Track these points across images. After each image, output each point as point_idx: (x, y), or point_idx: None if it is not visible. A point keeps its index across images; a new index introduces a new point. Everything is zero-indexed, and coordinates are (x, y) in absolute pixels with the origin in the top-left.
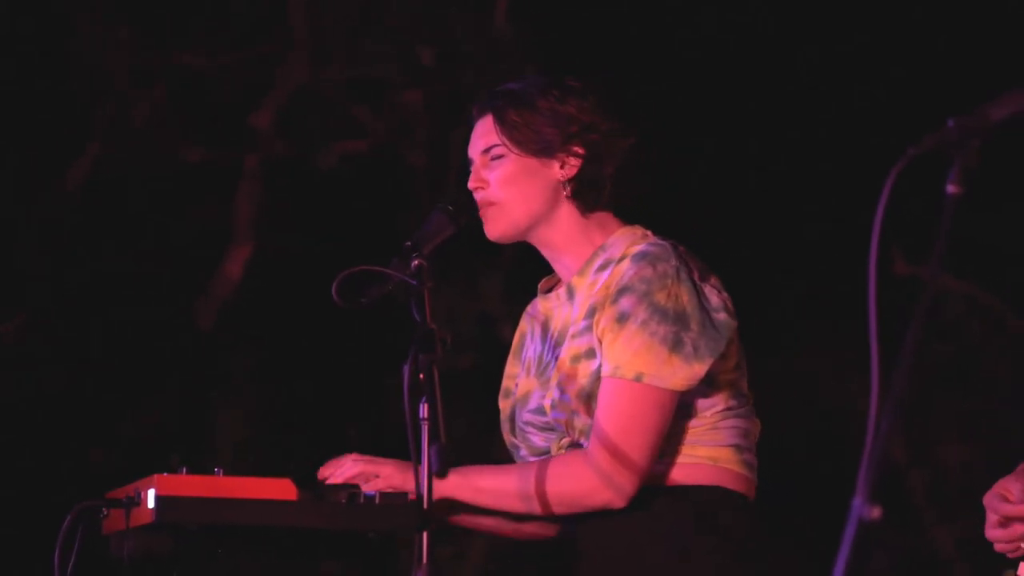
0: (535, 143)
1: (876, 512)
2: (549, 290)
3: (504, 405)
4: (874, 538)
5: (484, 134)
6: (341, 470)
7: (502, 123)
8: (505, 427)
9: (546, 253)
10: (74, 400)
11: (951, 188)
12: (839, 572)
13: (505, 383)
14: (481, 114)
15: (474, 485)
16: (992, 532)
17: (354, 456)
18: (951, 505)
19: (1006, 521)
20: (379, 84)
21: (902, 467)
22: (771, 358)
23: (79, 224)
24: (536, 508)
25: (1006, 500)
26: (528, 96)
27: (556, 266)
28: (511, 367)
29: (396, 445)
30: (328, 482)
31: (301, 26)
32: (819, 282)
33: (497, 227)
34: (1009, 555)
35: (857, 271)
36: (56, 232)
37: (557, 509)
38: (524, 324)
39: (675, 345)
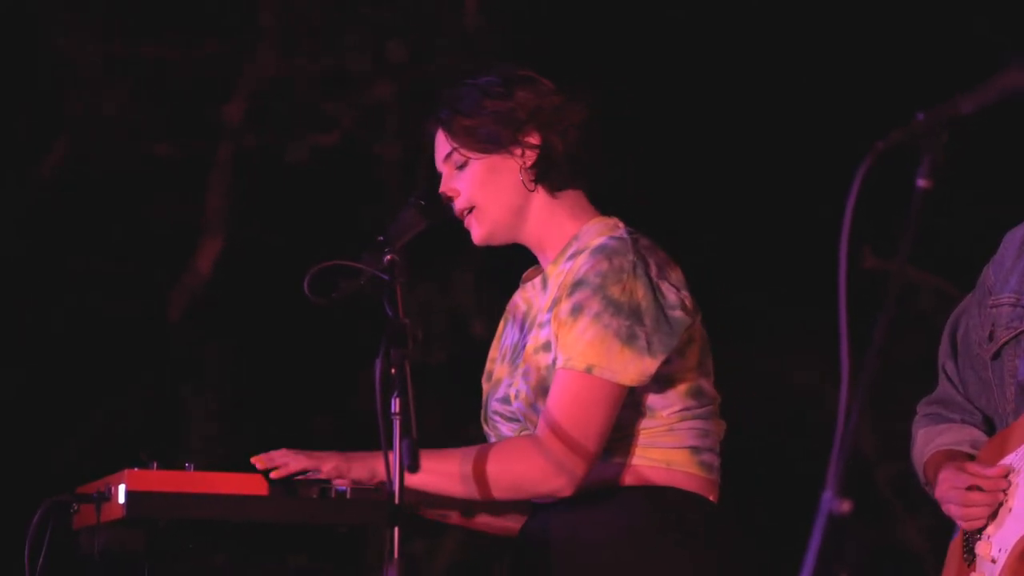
0: (489, 141)
1: (846, 506)
2: (532, 279)
3: (485, 388)
4: (844, 531)
5: (441, 145)
6: (282, 463)
7: (452, 132)
8: (482, 413)
9: (531, 244)
10: (43, 394)
11: (920, 182)
12: (809, 566)
13: (488, 366)
14: (434, 128)
15: (425, 468)
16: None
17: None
18: (920, 498)
19: (969, 490)
20: (350, 77)
21: (872, 461)
22: (738, 351)
23: (47, 216)
24: (480, 492)
25: (965, 472)
26: (472, 99)
27: (540, 257)
28: (492, 351)
29: (367, 438)
30: (273, 476)
31: (271, 18)
32: (788, 275)
33: (482, 229)
34: (964, 525)
35: (827, 264)
36: (24, 224)
37: (502, 493)
38: (508, 310)
39: (628, 339)
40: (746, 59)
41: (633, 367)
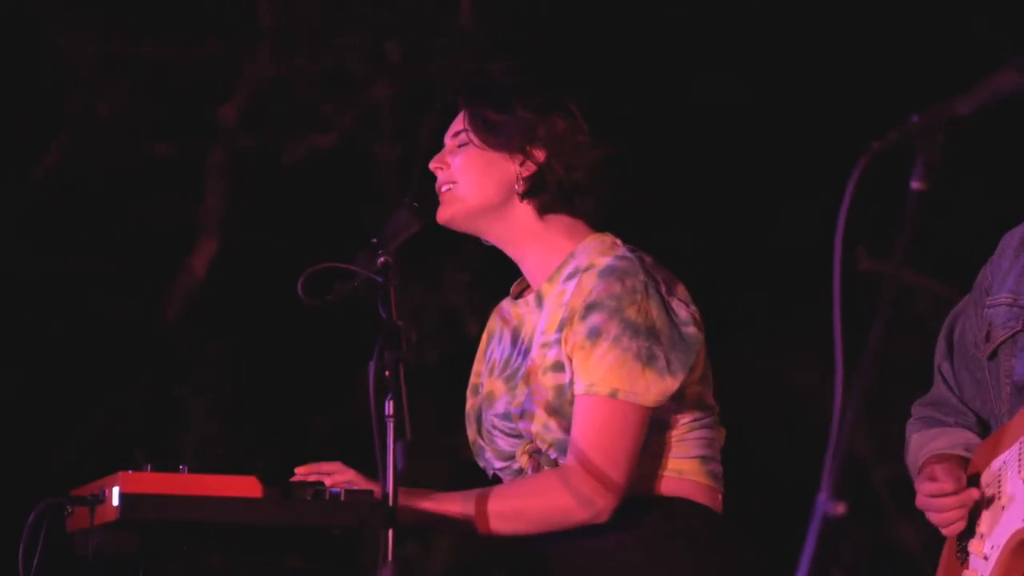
0: (499, 137)
1: (840, 508)
2: (520, 294)
3: (471, 402)
4: (840, 532)
5: (457, 122)
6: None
7: (472, 115)
8: (470, 425)
9: (509, 253)
10: (43, 394)
11: (915, 183)
12: (804, 567)
13: (472, 380)
14: (461, 106)
15: (454, 511)
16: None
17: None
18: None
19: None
20: (349, 77)
21: (868, 462)
22: (738, 351)
23: (47, 216)
24: (520, 527)
25: (934, 480)
26: (506, 98)
27: (523, 269)
28: (478, 364)
29: (362, 440)
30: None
31: (271, 18)
32: (788, 275)
33: (450, 209)
34: (945, 532)
35: (826, 265)
36: (24, 224)
37: (540, 527)
38: (493, 323)
39: (649, 360)
40: (746, 59)
41: (655, 388)
